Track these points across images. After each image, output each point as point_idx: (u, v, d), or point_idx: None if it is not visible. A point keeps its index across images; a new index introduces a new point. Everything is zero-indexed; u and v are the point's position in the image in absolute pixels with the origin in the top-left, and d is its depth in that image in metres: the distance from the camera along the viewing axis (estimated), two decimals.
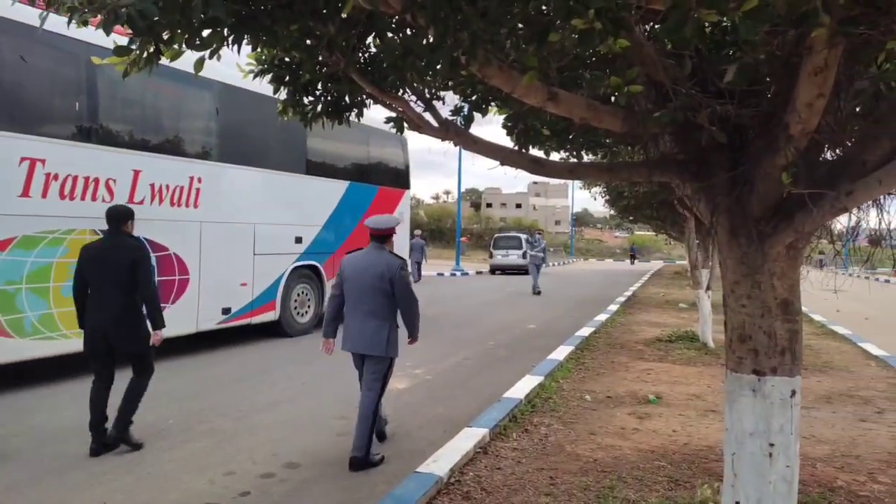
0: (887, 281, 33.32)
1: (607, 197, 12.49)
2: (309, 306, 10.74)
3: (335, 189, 11.13)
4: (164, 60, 2.69)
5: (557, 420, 5.74)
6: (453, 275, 28.58)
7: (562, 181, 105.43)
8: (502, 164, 3.02)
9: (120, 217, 4.89)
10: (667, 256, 59.95)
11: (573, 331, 10.77)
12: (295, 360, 8.37)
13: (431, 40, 2.29)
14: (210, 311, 8.78)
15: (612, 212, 18.50)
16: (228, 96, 9.02)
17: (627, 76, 2.29)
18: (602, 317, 12.63)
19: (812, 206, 2.31)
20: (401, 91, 3.09)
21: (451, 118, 3.21)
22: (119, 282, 4.75)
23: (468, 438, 4.89)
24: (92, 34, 6.98)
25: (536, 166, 2.96)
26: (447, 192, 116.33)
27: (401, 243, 13.11)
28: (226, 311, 9.03)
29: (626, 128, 2.58)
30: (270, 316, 9.84)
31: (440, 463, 4.34)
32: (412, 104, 3.17)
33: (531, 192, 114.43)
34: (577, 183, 16.38)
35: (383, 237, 4.84)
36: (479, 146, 3.02)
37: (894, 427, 5.68)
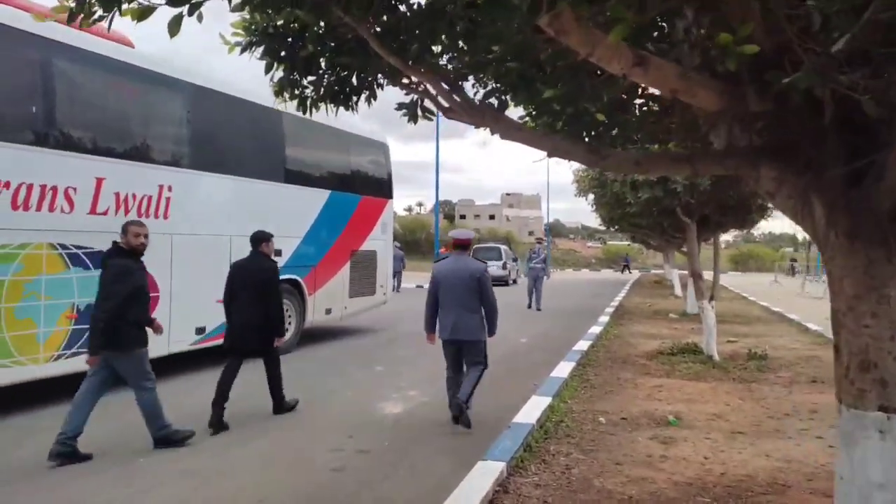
0: None
1: (599, 203, 11.98)
2: (290, 323, 10.04)
3: (316, 198, 10.48)
4: (130, 22, 2.09)
5: (576, 447, 5.18)
6: None
7: (535, 192, 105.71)
8: (551, 155, 2.46)
9: (258, 239, 6.27)
10: (642, 266, 60.13)
11: (567, 345, 10.26)
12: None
13: None
14: (183, 331, 8.06)
15: (599, 221, 18.17)
16: (201, 99, 8.36)
17: (740, 33, 1.75)
18: (595, 329, 12.14)
19: None
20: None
21: (483, 101, 2.64)
22: (255, 294, 5.96)
23: (484, 475, 4.30)
24: (48, 28, 6.35)
25: (594, 157, 2.41)
26: (420, 204, 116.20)
27: (385, 255, 12.54)
28: (200, 330, 8.32)
29: (724, 103, 2.03)
30: None
31: None
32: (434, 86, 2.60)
33: (504, 204, 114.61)
34: (577, 189, 15.74)
35: (465, 246, 6.10)
36: (523, 134, 2.46)
37: None
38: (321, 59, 2.58)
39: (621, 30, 1.71)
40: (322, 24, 2.28)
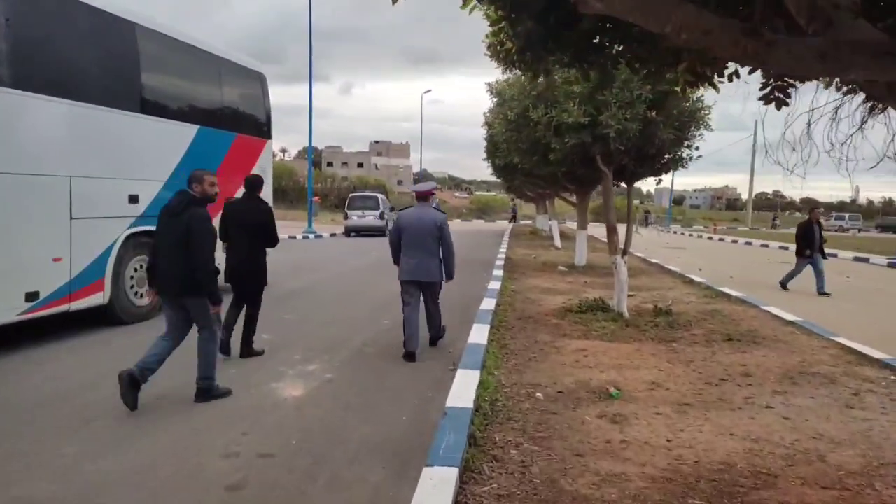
0: (710, 237, 36.40)
1: (513, 148, 10.78)
2: None
3: (181, 134, 8.78)
4: None
5: (523, 435, 4.40)
6: (306, 237, 26.32)
7: (404, 141, 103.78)
8: (673, 32, 1.46)
9: (254, 183, 6.49)
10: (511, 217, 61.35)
11: (469, 302, 9.54)
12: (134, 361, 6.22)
13: None
14: (8, 297, 6.33)
15: (491, 170, 17.53)
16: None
17: None
18: (493, 284, 11.55)
19: None
20: None
21: None
22: (248, 236, 6.25)
23: (435, 487, 3.37)
24: None
25: (752, 44, 1.44)
26: (284, 151, 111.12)
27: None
28: (32, 296, 6.59)
29: None
30: (97, 299, 7.47)
31: None
32: None
33: (372, 152, 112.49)
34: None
35: (426, 197, 6.72)
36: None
37: (889, 414, 5.05)
38: None
39: None
40: None
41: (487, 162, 17.41)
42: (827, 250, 13.60)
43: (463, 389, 5.10)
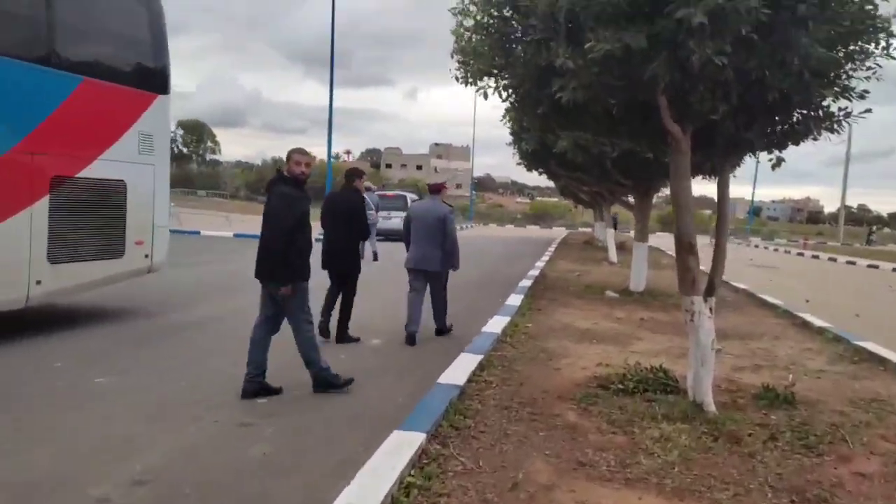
0: (800, 253, 30.97)
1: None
2: None
3: None
4: None
5: None
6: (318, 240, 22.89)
7: (465, 145, 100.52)
8: None
9: (352, 175, 6.92)
10: (570, 223, 56.80)
11: (431, 359, 5.62)
12: None
13: None
14: None
15: (519, 158, 13.55)
16: None
17: None
18: (498, 321, 7.56)
19: None
20: None
21: None
22: (341, 223, 6.64)
23: None
24: None
25: None
26: (348, 152, 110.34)
27: (151, 191, 7.44)
28: None
29: None
30: None
31: None
32: None
33: (433, 154, 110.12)
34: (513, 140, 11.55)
35: (437, 191, 7.17)
36: None
37: None
38: None
39: None
40: None
41: (513, 148, 13.41)
42: None
43: None
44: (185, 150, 79.28)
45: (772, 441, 4.11)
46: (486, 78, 4.87)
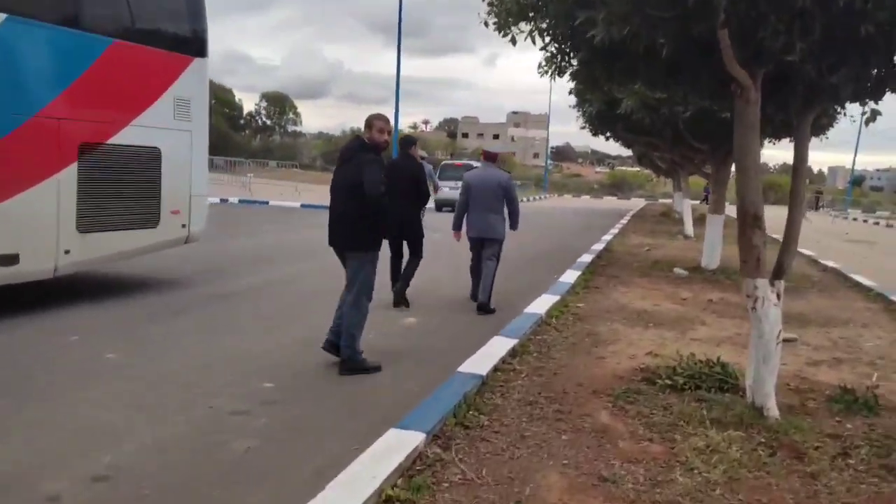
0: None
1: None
2: None
3: None
4: None
5: None
6: None
7: (543, 112, 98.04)
8: None
9: (407, 143, 7.22)
10: (649, 194, 54.42)
11: (467, 348, 5.15)
12: None
13: None
14: None
15: (583, 122, 12.73)
16: None
17: None
18: (543, 304, 6.99)
19: None
20: None
21: None
22: (403, 191, 6.57)
23: None
24: None
25: None
26: (426, 122, 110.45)
27: (186, 159, 7.27)
28: None
29: None
30: None
31: None
32: None
33: (510, 123, 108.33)
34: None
35: (493, 158, 7.32)
36: None
37: None
38: None
39: None
40: None
41: (578, 111, 12.52)
42: None
43: None
44: (268, 122, 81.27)
45: (843, 458, 3.43)
46: (521, 24, 4.29)
